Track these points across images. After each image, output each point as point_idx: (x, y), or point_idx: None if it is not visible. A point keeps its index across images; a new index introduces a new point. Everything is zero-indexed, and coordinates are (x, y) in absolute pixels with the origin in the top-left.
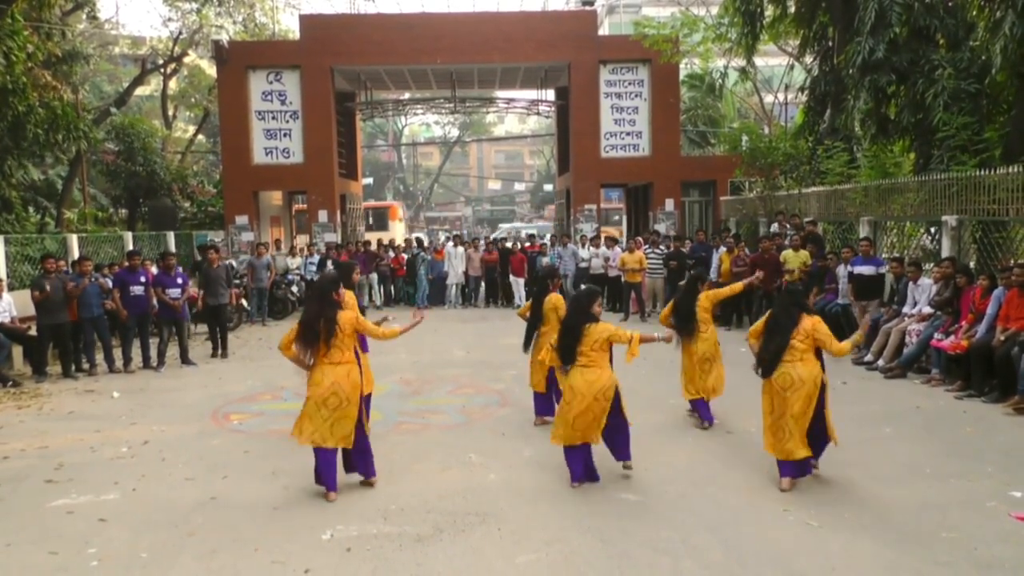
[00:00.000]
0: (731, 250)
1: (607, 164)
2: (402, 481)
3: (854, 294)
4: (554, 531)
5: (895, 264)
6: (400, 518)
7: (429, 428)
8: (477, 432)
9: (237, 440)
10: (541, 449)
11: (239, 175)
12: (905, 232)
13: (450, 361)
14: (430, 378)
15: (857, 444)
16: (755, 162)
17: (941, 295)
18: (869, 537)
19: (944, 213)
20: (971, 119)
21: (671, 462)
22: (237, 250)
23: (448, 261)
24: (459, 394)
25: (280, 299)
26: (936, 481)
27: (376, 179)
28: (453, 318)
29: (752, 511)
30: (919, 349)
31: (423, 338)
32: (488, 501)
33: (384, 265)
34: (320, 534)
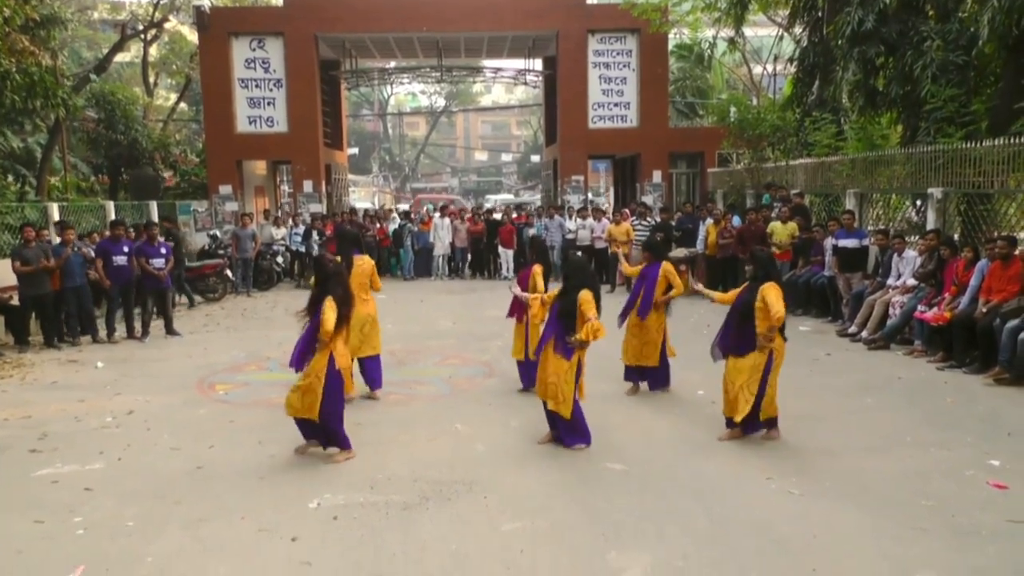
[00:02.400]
0: (718, 222)
1: (594, 135)
2: (389, 451)
3: (838, 266)
4: (540, 500)
5: (880, 236)
6: (387, 487)
7: (416, 399)
8: (463, 402)
9: (223, 410)
10: (527, 419)
11: (222, 144)
12: (891, 204)
13: (436, 332)
14: (416, 349)
15: (839, 414)
16: (743, 134)
17: (925, 267)
18: (850, 505)
19: (930, 185)
20: (958, 91)
21: (655, 432)
22: (221, 220)
23: (434, 232)
24: (445, 365)
25: (265, 270)
26: (916, 450)
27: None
28: (439, 289)
29: (736, 480)
30: (902, 321)
31: (409, 309)
32: (474, 470)
33: (370, 236)
34: (307, 503)
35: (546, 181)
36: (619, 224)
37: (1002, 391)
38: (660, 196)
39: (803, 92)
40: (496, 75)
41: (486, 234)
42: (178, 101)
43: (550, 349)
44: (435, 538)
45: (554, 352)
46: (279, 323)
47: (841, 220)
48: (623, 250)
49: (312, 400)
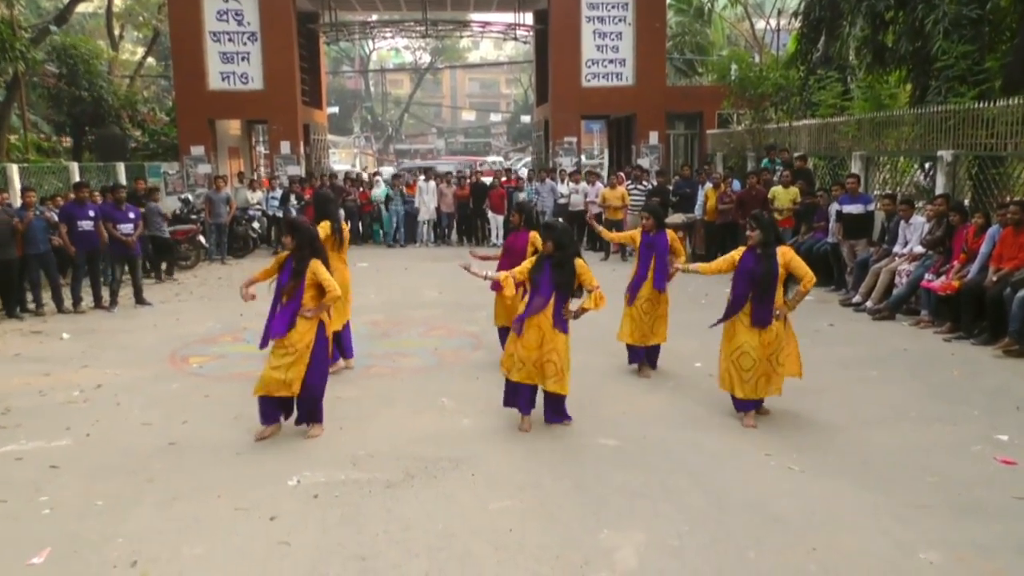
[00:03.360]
0: (718, 186)
1: (588, 94)
2: (372, 426)
3: (843, 233)
4: (529, 476)
5: (887, 201)
6: (369, 464)
7: (400, 372)
8: (450, 375)
9: (196, 384)
10: None
11: (193, 102)
12: (898, 168)
13: (421, 302)
14: (400, 319)
15: (842, 387)
16: (744, 93)
17: (933, 234)
18: (851, 481)
19: (940, 148)
20: (971, 47)
21: (650, 406)
22: (193, 183)
23: (419, 197)
24: (431, 336)
25: (240, 236)
26: (921, 424)
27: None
28: (425, 257)
29: (733, 456)
30: (909, 290)
31: (393, 277)
32: (461, 446)
33: (351, 201)
34: (286, 480)
35: (537, 143)
36: (614, 188)
37: (1011, 363)
38: (657, 159)
39: (808, 49)
40: (484, 30)
41: (473, 198)
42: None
43: (543, 325)
44: (420, 517)
45: (552, 328)
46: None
47: (846, 184)
48: (618, 216)
49: (296, 374)
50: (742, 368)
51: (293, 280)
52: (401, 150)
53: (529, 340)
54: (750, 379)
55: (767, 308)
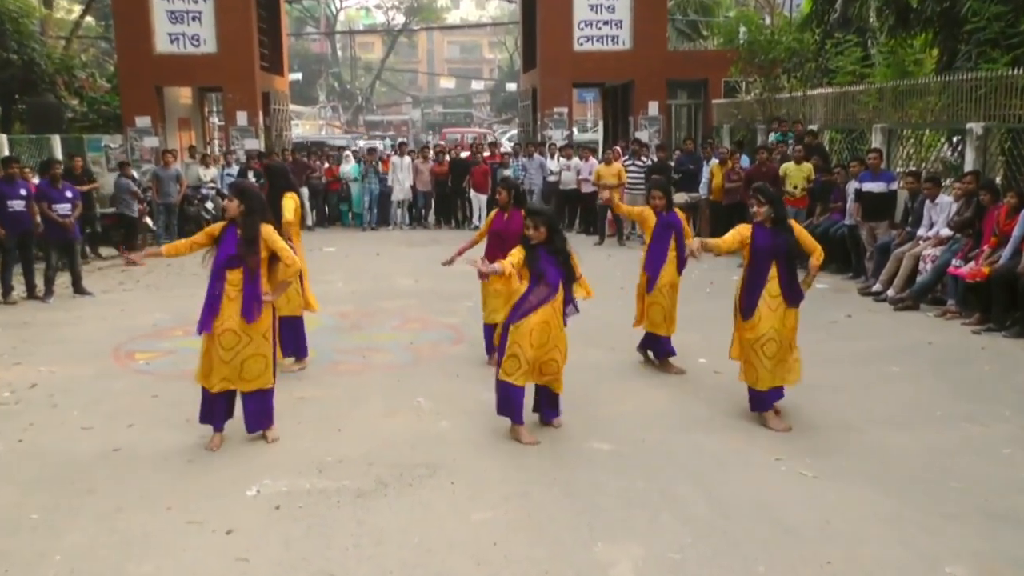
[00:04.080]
0: (724, 162)
1: (581, 59)
2: (340, 429)
3: (861, 214)
4: (515, 484)
5: (910, 179)
6: (338, 471)
7: (371, 368)
8: (427, 373)
9: (143, 382)
10: None
11: (138, 67)
12: (923, 142)
13: (395, 291)
14: (371, 310)
15: (860, 384)
16: (753, 59)
17: (961, 215)
18: (869, 487)
19: (969, 120)
20: (1005, 8)
21: (649, 406)
22: (138, 158)
23: (392, 174)
24: (405, 329)
25: (192, 217)
26: (946, 425)
27: (306, 74)
28: (398, 240)
29: (740, 460)
30: (934, 277)
31: (363, 264)
32: (439, 451)
33: (315, 178)
34: (244, 490)
35: (523, 113)
36: (609, 165)
37: None
38: (657, 132)
39: (824, 9)
40: None
41: (452, 176)
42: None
43: (551, 320)
44: (394, 529)
45: (560, 324)
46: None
47: (866, 160)
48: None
49: (264, 365)
50: (766, 356)
51: (247, 249)
52: (372, 121)
53: (541, 337)
54: (775, 367)
55: (796, 285)
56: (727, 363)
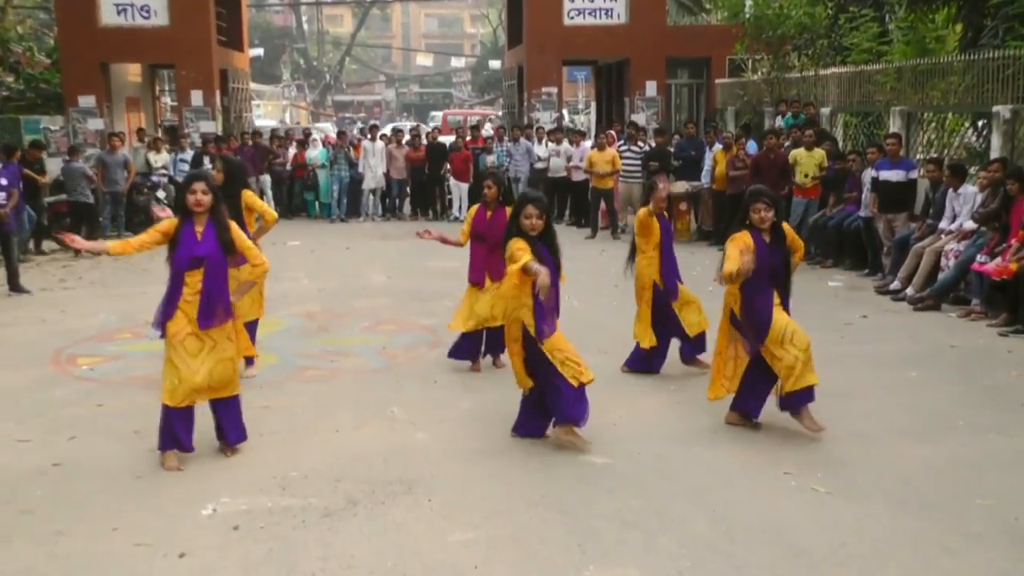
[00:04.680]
0: (729, 148)
1: (571, 34)
2: (305, 442)
3: (878, 205)
4: (498, 502)
5: (931, 167)
6: (303, 488)
7: (340, 374)
8: (401, 379)
9: (87, 390)
10: (483, 400)
11: (81, 41)
12: (946, 127)
13: (367, 289)
14: (341, 311)
15: (876, 391)
16: (761, 35)
17: (987, 206)
18: (887, 505)
19: (995, 102)
20: None
21: (646, 415)
22: (82, 142)
23: (364, 160)
24: (378, 331)
25: (141, 207)
26: (971, 436)
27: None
28: (371, 233)
29: (745, 475)
30: (957, 274)
31: (332, 259)
32: (415, 466)
33: (279, 164)
34: (199, 509)
35: (508, 94)
36: (602, 150)
37: None
38: (655, 114)
39: None
40: None
41: (430, 162)
42: None
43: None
44: (365, 552)
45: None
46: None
47: (883, 146)
48: (607, 184)
49: (233, 369)
50: (800, 349)
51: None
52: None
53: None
54: (808, 359)
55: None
56: None
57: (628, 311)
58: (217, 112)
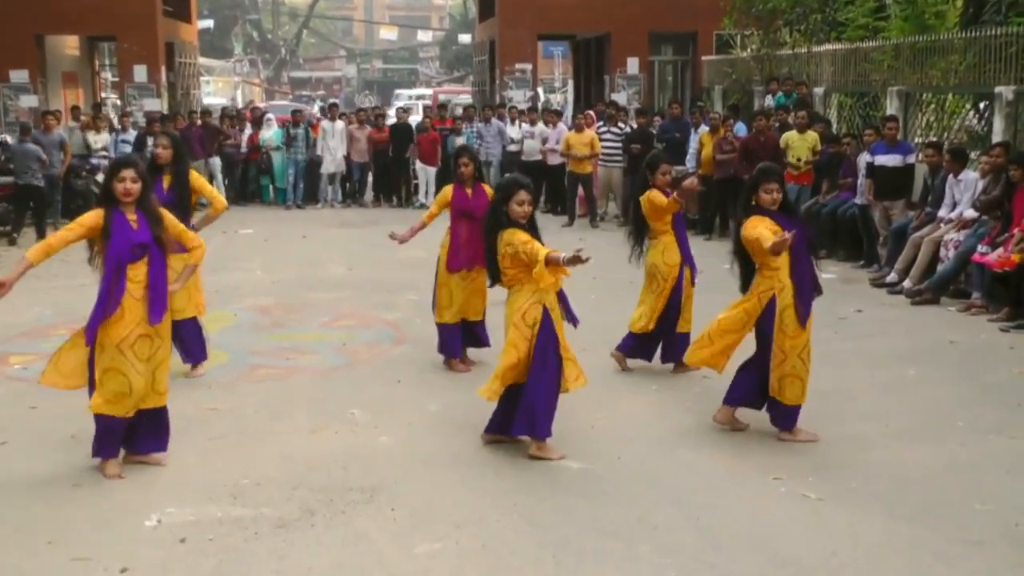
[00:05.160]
0: (716, 130)
1: (547, 7)
2: (258, 447)
3: (874, 192)
4: (467, 511)
5: (930, 152)
6: (255, 497)
7: (296, 374)
8: (363, 379)
9: (19, 391)
10: (451, 402)
11: (14, 10)
12: (946, 108)
13: (325, 281)
14: (297, 304)
15: (871, 390)
16: (750, 8)
17: (989, 193)
18: (882, 511)
19: (998, 82)
20: None
21: (626, 416)
22: (13, 120)
23: (322, 142)
24: (338, 327)
25: (80, 192)
26: (971, 437)
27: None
28: (329, 221)
29: (732, 480)
30: (957, 265)
31: (287, 248)
32: (377, 472)
33: (230, 146)
34: (142, 520)
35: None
36: (580, 132)
37: None
38: (637, 93)
39: None
40: None
41: (394, 144)
42: None
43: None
44: (324, 565)
45: None
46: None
47: (880, 129)
48: (585, 169)
49: (168, 374)
50: (809, 360)
51: (157, 231)
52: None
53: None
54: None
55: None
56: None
57: (610, 306)
58: (162, 89)
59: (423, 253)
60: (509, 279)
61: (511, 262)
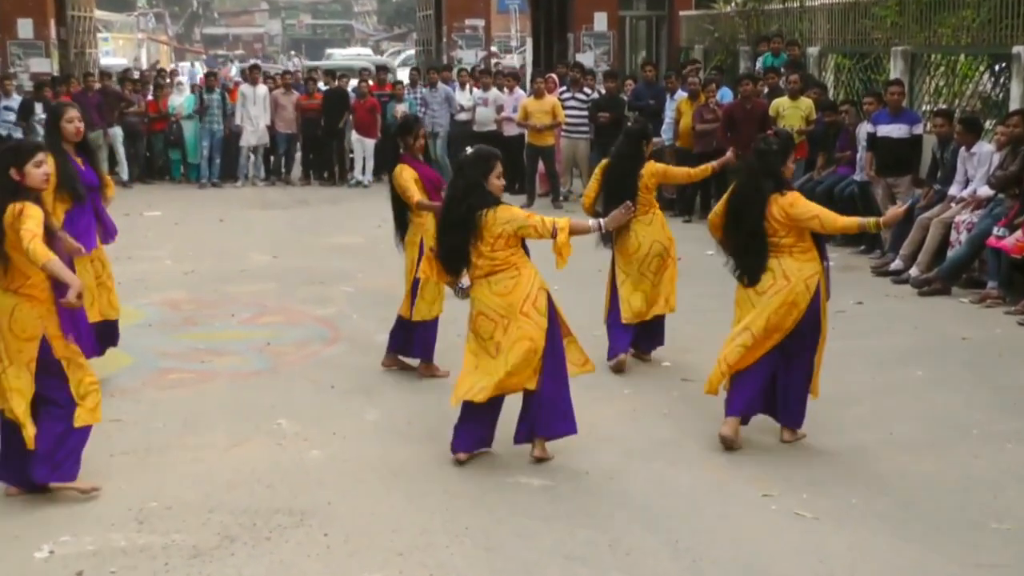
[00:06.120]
0: (695, 96)
1: None
2: (168, 465)
3: (876, 167)
4: (413, 535)
5: (940, 121)
6: (165, 522)
7: (212, 379)
8: (290, 384)
9: None
10: (393, 409)
11: None
12: (957, 72)
13: (247, 271)
14: (213, 299)
15: (874, 394)
16: None
17: (1005, 168)
18: (886, 531)
19: (1016, 42)
20: None
21: (595, 424)
22: None
23: (242, 109)
24: (261, 324)
25: None
26: (986, 447)
27: None
28: (251, 201)
29: (716, 498)
30: (970, 251)
31: (201, 233)
32: (308, 492)
33: (132, 114)
34: (32, 551)
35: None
36: (540, 98)
37: None
38: (605, 54)
39: None
40: None
41: (326, 113)
42: None
43: None
44: None
45: None
46: None
47: (883, 95)
48: (547, 141)
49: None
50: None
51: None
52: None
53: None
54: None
55: None
56: (699, 366)
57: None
58: (52, 47)
59: (360, 240)
60: (496, 264)
61: (504, 243)
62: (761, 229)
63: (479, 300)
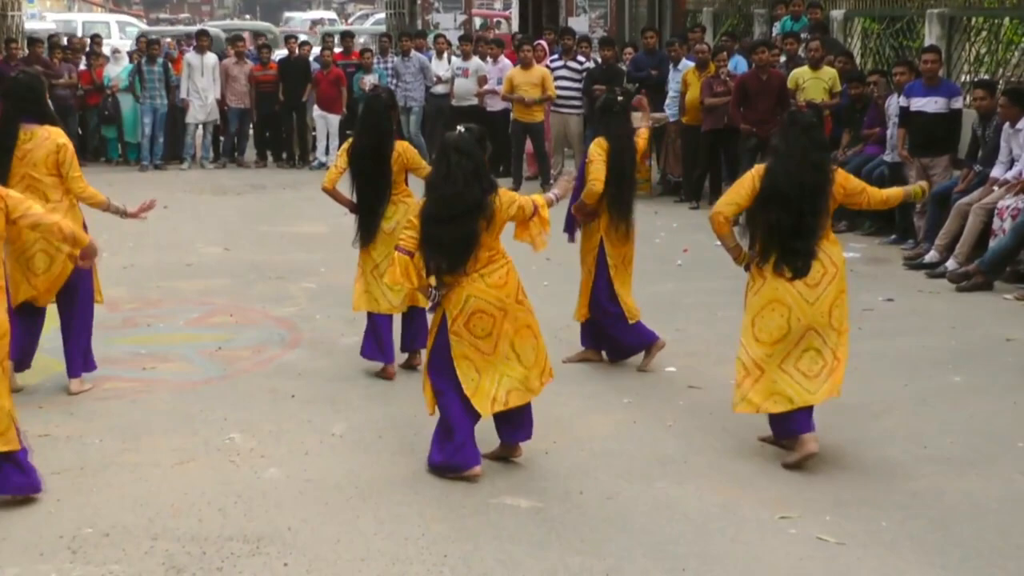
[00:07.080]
0: (704, 65)
1: None
2: (106, 485)
3: (909, 145)
4: (383, 565)
5: (981, 94)
6: (102, 551)
7: (155, 387)
8: (245, 393)
9: None
10: (362, 421)
11: None
12: (1001, 37)
13: (194, 265)
14: (156, 297)
15: (906, 403)
16: None
17: None
18: (919, 557)
19: None
20: None
21: (589, 439)
22: None
23: (187, 81)
24: (211, 325)
25: None
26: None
27: None
28: (199, 185)
29: (727, 520)
30: (1015, 240)
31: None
32: (265, 515)
33: (63, 87)
34: None
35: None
36: (528, 68)
37: None
38: (601, 19)
39: None
40: None
41: (284, 85)
42: None
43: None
44: None
45: None
46: None
47: (916, 65)
48: (535, 117)
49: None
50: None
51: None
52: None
53: None
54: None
55: None
56: (707, 372)
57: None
58: None
59: (323, 229)
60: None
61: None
62: (825, 208)
63: (475, 297)
